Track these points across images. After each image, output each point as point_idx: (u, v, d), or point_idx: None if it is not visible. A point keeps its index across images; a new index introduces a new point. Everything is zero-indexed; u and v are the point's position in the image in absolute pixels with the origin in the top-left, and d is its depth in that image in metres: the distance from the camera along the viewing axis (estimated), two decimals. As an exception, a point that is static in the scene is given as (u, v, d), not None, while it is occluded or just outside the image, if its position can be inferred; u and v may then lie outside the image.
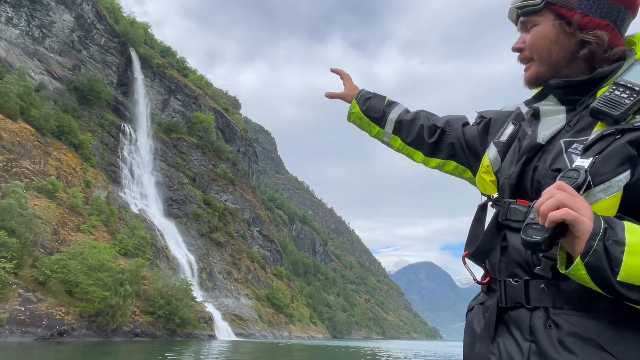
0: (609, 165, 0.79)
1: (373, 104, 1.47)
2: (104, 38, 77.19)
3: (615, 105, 0.82)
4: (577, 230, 0.72)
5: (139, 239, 51.45)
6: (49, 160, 50.20)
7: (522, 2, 0.99)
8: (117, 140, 71.38)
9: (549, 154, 0.92)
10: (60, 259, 34.20)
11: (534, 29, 0.99)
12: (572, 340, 0.78)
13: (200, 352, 26.58)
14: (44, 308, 31.31)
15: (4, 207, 32.45)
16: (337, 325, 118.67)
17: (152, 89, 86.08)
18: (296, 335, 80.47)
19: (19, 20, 64.38)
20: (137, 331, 39.03)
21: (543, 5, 0.95)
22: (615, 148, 0.79)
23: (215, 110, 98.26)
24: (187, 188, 79.06)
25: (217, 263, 72.47)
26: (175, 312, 42.12)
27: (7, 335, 27.49)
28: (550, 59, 0.97)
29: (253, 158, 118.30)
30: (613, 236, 0.71)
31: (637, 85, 0.83)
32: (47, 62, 66.26)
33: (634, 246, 0.69)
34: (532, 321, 0.84)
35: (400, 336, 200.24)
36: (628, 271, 0.68)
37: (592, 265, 0.70)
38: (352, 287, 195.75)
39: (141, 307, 41.67)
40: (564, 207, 0.72)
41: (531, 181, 0.92)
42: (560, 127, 0.95)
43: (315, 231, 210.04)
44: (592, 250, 0.70)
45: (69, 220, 44.69)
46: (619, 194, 0.78)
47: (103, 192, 57.27)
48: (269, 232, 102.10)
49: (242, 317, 62.62)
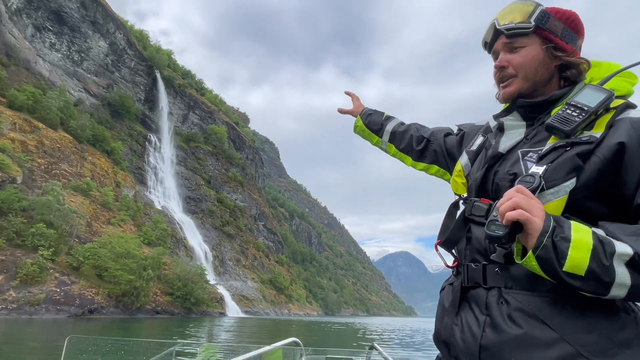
0: (559, 172, 0.80)
1: (373, 119, 1.52)
2: (133, 62, 76.15)
3: (566, 122, 0.83)
4: (529, 229, 0.74)
5: (161, 231, 50.35)
6: (85, 164, 49.10)
7: (514, 23, 0.93)
8: (144, 147, 70.24)
9: (508, 162, 0.93)
10: (92, 247, 33.20)
11: (522, 50, 0.94)
12: (518, 315, 0.80)
13: (213, 326, 25.77)
14: (77, 289, 30.28)
15: (44, 202, 31.48)
16: (329, 304, 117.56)
17: (174, 105, 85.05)
18: (294, 312, 79.32)
19: (60, 46, 63.30)
20: (158, 309, 38.00)
21: (534, 29, 0.92)
22: (565, 158, 0.81)
23: (228, 124, 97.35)
24: (203, 189, 77.96)
25: (227, 252, 71.35)
26: (191, 293, 41.13)
27: (43, 313, 26.46)
28: (535, 78, 0.95)
29: (259, 164, 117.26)
30: (561, 233, 0.72)
31: (586, 106, 0.83)
32: (84, 82, 65.16)
33: (578, 242, 0.70)
34: (488, 298, 0.86)
35: (381, 313, 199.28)
36: (572, 263, 0.70)
37: (542, 258, 0.72)
38: (342, 272, 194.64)
39: (162, 288, 40.63)
40: (519, 208, 0.74)
41: (492, 183, 0.94)
42: (520, 139, 0.95)
43: (312, 226, 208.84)
44: (542, 245, 0.72)
45: (100, 215, 43.59)
46: (565, 197, 0.80)
47: (131, 191, 56.11)
48: (272, 226, 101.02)
49: (249, 297, 61.46)
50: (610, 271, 0.68)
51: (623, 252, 0.68)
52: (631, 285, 0.68)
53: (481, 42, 1.06)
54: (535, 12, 0.92)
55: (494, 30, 0.98)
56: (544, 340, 0.75)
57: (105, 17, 69.31)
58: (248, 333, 22.00)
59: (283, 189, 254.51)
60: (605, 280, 0.68)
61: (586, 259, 0.69)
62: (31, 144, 40.91)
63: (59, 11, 61.87)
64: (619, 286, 0.68)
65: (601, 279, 0.68)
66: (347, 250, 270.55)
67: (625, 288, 0.68)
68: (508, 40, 0.95)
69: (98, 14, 67.98)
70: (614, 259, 0.68)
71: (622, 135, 0.78)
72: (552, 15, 0.92)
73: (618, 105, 0.84)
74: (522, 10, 0.93)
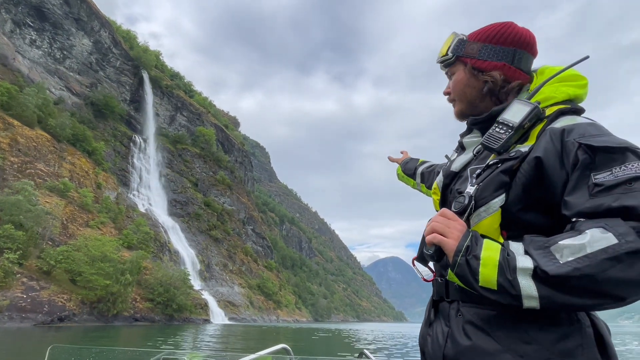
0: (487, 191, 0.85)
1: (409, 166, 1.65)
2: (119, 61, 74.07)
3: (495, 140, 0.87)
4: (444, 249, 0.82)
5: (144, 234, 48.22)
6: (63, 164, 46.82)
7: (440, 57, 1.06)
8: (128, 149, 67.98)
9: (460, 179, 0.98)
10: (65, 250, 31.07)
11: (453, 77, 1.05)
12: (469, 327, 0.85)
13: (195, 334, 24.04)
14: (46, 295, 28.13)
15: (13, 202, 29.36)
16: (319, 310, 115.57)
17: (161, 106, 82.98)
18: (283, 319, 77.08)
19: (41, 43, 60.95)
20: (137, 316, 35.89)
21: (454, 58, 1.02)
22: (492, 177, 0.85)
23: (216, 126, 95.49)
24: (190, 191, 75.83)
25: (214, 256, 69.19)
26: (173, 299, 39.11)
27: (5, 322, 24.21)
28: (467, 98, 1.02)
29: (248, 167, 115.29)
30: (473, 252, 0.78)
31: (511, 122, 0.86)
32: (66, 80, 62.86)
33: (486, 259, 0.76)
34: (449, 311, 0.91)
35: (372, 319, 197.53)
36: (484, 278, 0.76)
37: (459, 275, 0.80)
38: (332, 278, 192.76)
39: (142, 294, 38.55)
40: (435, 232, 0.83)
41: (450, 202, 0.97)
42: (470, 158, 0.99)
43: (302, 231, 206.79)
44: (456, 264, 0.79)
45: (78, 217, 41.37)
46: (497, 213, 0.83)
47: (113, 193, 53.85)
48: (261, 230, 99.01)
49: (235, 303, 59.32)
50: (515, 284, 0.72)
51: (523, 267, 0.72)
52: (539, 296, 0.70)
53: None
54: (452, 44, 1.02)
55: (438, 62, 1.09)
56: (489, 351, 0.79)
57: (90, 15, 67.26)
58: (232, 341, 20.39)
59: (273, 194, 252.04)
60: (513, 293, 0.72)
61: (494, 275, 0.74)
62: (4, 141, 38.68)
63: (40, 7, 59.65)
64: (528, 298, 0.71)
65: (509, 292, 0.73)
66: (338, 255, 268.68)
67: (535, 299, 0.71)
68: (445, 69, 1.08)
69: (82, 11, 65.90)
70: (517, 273, 0.72)
71: (539, 149, 0.81)
72: (468, 41, 1.01)
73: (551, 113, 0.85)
74: (446, 44, 1.05)
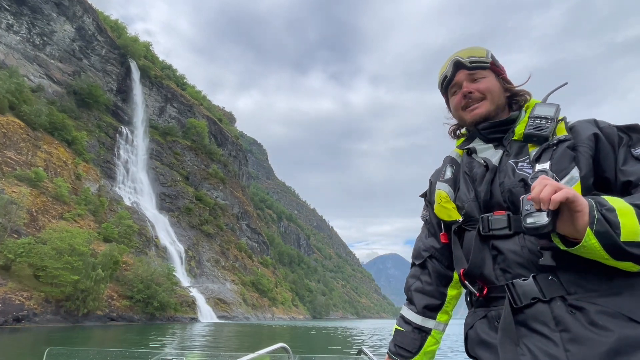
0: (564, 163, 0.85)
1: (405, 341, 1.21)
2: (104, 49, 70.30)
3: (541, 128, 0.93)
4: (577, 206, 0.70)
5: (126, 227, 44.78)
6: (38, 152, 43.32)
7: (477, 57, 1.07)
8: (114, 140, 64.37)
9: (506, 173, 0.95)
10: (27, 242, 27.63)
11: (484, 80, 1.06)
12: (604, 319, 0.73)
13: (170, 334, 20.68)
14: (1, 293, 24.76)
15: (-34, 189, 25.95)
16: (317, 307, 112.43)
17: (150, 97, 79.25)
18: (278, 316, 73.75)
19: (19, 28, 57.17)
20: (113, 315, 32.50)
21: (490, 65, 1.07)
22: (561, 152, 0.87)
23: (209, 118, 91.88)
24: (180, 185, 72.32)
25: (206, 252, 65.82)
26: (154, 297, 35.74)
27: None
28: (498, 102, 1.06)
29: (243, 162, 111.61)
30: (604, 205, 0.71)
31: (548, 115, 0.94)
32: (46, 67, 59.05)
33: (621, 210, 0.70)
34: (554, 312, 0.77)
35: (371, 316, 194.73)
36: (627, 230, 0.68)
37: (600, 232, 0.69)
38: (331, 275, 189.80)
39: (120, 291, 35.16)
40: (560, 189, 0.71)
41: (502, 193, 0.93)
42: (501, 155, 1.00)
43: (300, 228, 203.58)
44: (596, 220, 0.69)
45: (51, 208, 37.92)
46: (578, 184, 0.82)
47: (94, 185, 50.35)
48: (256, 226, 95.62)
49: (226, 300, 55.93)
50: None
51: None
52: None
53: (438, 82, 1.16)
54: (489, 53, 1.09)
55: (455, 63, 1.08)
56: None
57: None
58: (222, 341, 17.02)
59: (271, 191, 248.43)
60: None
61: (636, 223, 0.69)
62: (-34, 126, 35.21)
63: (17, -11, 55.94)
64: None
65: None
66: (337, 252, 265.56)
67: None
68: (470, 72, 1.07)
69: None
70: None
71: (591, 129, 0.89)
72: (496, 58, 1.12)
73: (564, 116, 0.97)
74: (480, 50, 1.09)
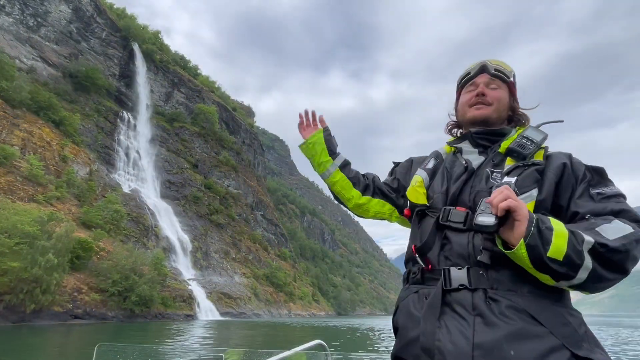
0: (527, 182, 0.98)
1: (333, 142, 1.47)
2: (105, 32, 66.04)
3: (523, 147, 1.05)
4: (518, 215, 0.85)
5: (113, 212, 39.35)
6: (16, 131, 38.73)
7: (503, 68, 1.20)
8: (115, 125, 59.88)
9: (481, 178, 1.07)
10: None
11: (499, 90, 1.19)
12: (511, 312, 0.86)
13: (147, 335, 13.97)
14: None
15: None
16: (342, 303, 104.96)
17: (156, 82, 74.52)
18: (296, 312, 66.79)
19: (12, 9, 53.46)
20: (77, 312, 26.63)
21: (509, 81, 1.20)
22: (529, 172, 1.00)
23: (220, 104, 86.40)
24: (187, 172, 67.02)
25: (214, 243, 60.00)
26: (131, 289, 29.68)
27: None
28: (501, 114, 1.19)
29: (259, 151, 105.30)
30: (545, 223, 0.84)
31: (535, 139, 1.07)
32: (40, 49, 55.02)
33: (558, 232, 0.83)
34: (474, 299, 0.91)
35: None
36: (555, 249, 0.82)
37: (531, 245, 0.82)
38: (358, 270, 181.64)
39: (91, 283, 29.38)
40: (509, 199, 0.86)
41: (470, 194, 1.05)
42: (482, 161, 1.13)
43: (324, 222, 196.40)
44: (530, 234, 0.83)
45: (20, 189, 32.87)
46: (532, 203, 0.95)
47: (84, 168, 45.54)
48: (272, 217, 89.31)
49: (232, 295, 49.55)
50: (582, 255, 0.81)
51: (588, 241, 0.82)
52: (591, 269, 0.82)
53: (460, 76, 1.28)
54: (513, 72, 1.21)
55: (483, 66, 1.20)
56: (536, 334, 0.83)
57: (65, -23, 59.50)
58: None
59: (294, 187, 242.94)
60: (576, 263, 0.81)
61: (564, 246, 0.82)
62: None
63: (5, -34, 52.24)
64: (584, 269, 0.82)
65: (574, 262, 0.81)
66: (363, 247, 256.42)
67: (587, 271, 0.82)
68: (491, 79, 1.19)
69: (56, -27, 58.22)
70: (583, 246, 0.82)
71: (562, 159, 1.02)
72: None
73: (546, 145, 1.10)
74: (508, 66, 1.21)
